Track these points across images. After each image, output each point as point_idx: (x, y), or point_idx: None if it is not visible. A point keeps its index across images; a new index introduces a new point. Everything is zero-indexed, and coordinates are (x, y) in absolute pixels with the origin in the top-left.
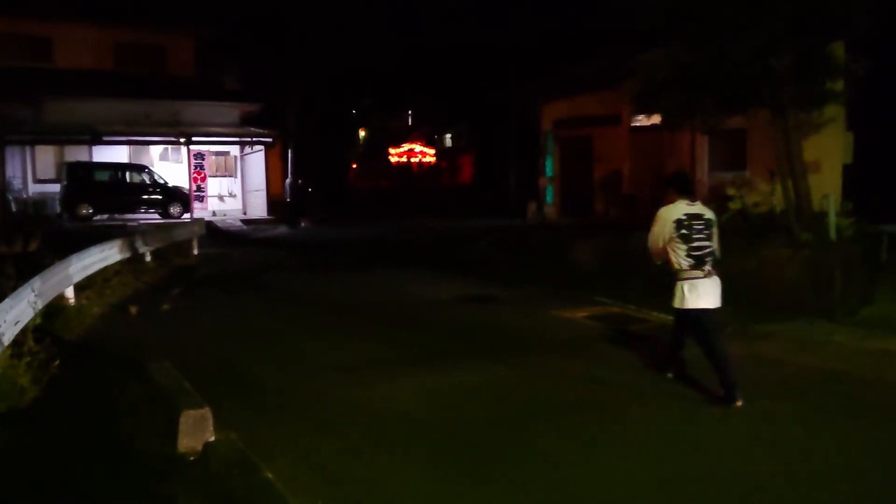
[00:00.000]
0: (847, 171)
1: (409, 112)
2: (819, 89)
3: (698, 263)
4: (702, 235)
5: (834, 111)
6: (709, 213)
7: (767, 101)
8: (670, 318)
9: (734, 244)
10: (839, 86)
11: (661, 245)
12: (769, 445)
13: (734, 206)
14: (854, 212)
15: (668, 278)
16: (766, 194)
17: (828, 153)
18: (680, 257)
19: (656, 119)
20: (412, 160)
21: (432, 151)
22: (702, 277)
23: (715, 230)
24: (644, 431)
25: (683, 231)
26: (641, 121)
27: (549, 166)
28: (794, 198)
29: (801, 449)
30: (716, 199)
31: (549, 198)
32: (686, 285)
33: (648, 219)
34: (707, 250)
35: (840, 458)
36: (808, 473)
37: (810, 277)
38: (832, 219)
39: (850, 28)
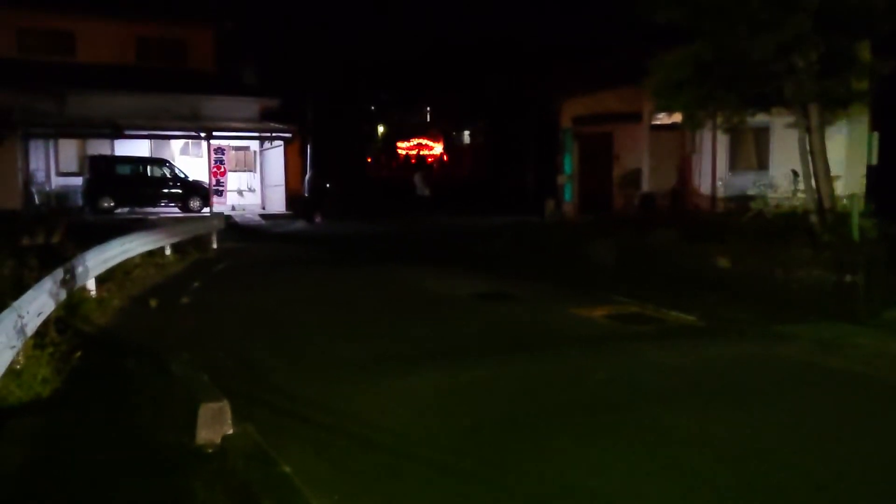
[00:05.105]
0: (871, 171)
1: (428, 108)
2: (844, 88)
3: (420, 187)
4: (424, 182)
5: (859, 111)
6: (423, 185)
7: (791, 100)
8: (689, 317)
9: (756, 245)
10: (864, 85)
11: (418, 181)
12: (792, 446)
13: (756, 205)
14: (878, 213)
15: (687, 278)
16: (788, 194)
17: (852, 153)
18: (419, 184)
19: (677, 117)
20: (422, 153)
21: (440, 146)
22: (421, 188)
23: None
24: (662, 432)
25: (422, 177)
26: (662, 118)
27: (568, 164)
28: (816, 198)
29: (824, 450)
30: (736, 199)
31: (567, 195)
32: (419, 190)
33: (668, 217)
34: (424, 184)
35: (863, 458)
36: (833, 475)
37: (833, 279)
38: (855, 220)
39: (875, 27)
